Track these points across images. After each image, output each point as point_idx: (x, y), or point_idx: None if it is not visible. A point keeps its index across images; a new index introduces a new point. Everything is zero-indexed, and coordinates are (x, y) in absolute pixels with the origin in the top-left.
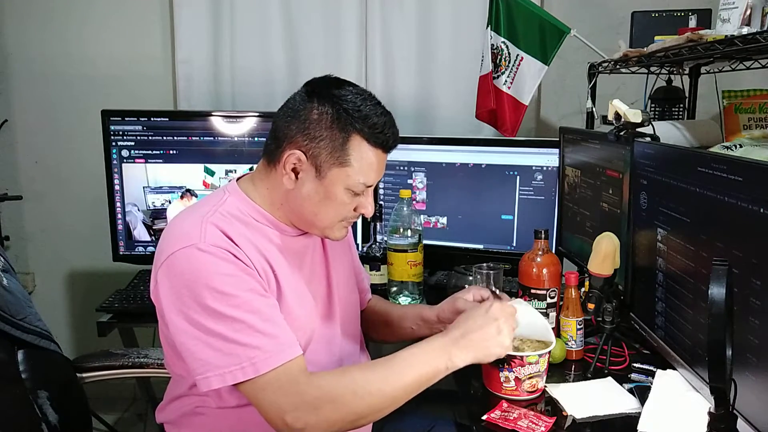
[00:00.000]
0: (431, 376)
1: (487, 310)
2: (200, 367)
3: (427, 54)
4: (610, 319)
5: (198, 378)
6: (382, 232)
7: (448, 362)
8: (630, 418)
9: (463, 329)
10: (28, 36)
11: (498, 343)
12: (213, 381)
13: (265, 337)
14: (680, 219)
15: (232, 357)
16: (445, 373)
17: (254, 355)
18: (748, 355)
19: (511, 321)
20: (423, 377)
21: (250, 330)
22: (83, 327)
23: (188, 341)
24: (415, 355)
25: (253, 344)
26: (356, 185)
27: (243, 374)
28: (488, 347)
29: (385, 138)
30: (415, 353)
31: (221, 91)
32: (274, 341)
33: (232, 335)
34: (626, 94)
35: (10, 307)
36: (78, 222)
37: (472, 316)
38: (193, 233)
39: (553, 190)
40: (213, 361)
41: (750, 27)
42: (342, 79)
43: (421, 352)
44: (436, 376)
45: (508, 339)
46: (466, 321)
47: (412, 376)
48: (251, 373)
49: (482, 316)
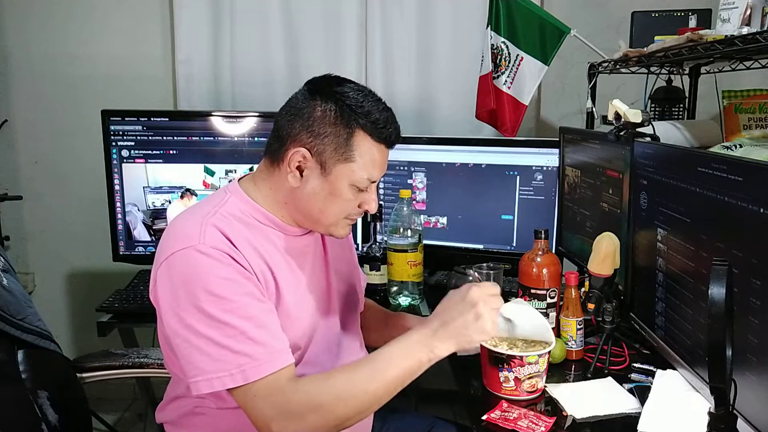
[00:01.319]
0: (414, 370)
1: (464, 296)
2: (191, 370)
3: (427, 54)
4: (610, 319)
5: (189, 381)
6: (382, 232)
7: (429, 354)
8: (630, 418)
9: (441, 319)
10: (29, 36)
11: (478, 328)
12: (202, 385)
13: (256, 344)
14: (680, 219)
15: (221, 363)
16: (428, 365)
17: (244, 362)
18: (748, 355)
19: (491, 302)
20: (406, 372)
21: (242, 336)
22: (83, 327)
23: (181, 343)
24: (396, 351)
25: (244, 351)
26: (361, 181)
27: (232, 381)
28: (468, 334)
29: (388, 133)
30: (395, 349)
31: (221, 91)
32: (266, 349)
33: (223, 341)
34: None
35: (10, 307)
36: (78, 222)
37: (450, 305)
38: (193, 234)
39: (553, 190)
40: (202, 365)
41: (750, 27)
42: (343, 77)
43: (402, 347)
44: (419, 370)
45: (489, 323)
46: (444, 310)
47: (395, 373)
48: (240, 380)
49: (459, 302)
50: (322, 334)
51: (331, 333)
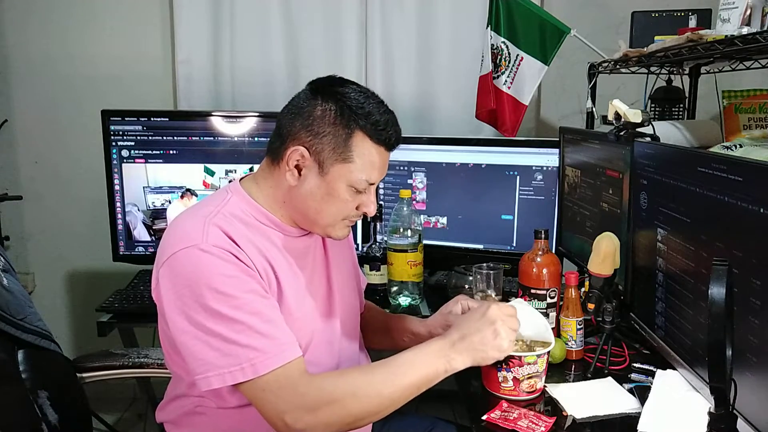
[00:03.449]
0: (430, 378)
1: (484, 313)
2: (200, 367)
3: (427, 54)
4: (610, 319)
5: (198, 378)
6: (382, 232)
7: (446, 365)
8: (630, 418)
9: (461, 332)
10: (28, 36)
11: (495, 346)
12: (213, 381)
13: (265, 338)
14: (680, 219)
15: (231, 357)
16: (444, 376)
17: (254, 356)
18: (748, 355)
19: (510, 322)
20: (422, 380)
21: (250, 331)
22: (83, 327)
23: (189, 341)
24: (415, 358)
25: (253, 345)
26: (359, 182)
27: (243, 375)
28: (485, 350)
29: (388, 135)
30: (414, 356)
31: (221, 91)
32: (274, 342)
33: (232, 336)
34: (626, 94)
35: (10, 307)
36: (78, 222)
37: (470, 319)
38: (195, 233)
39: (553, 190)
40: (213, 361)
41: (750, 27)
42: (346, 79)
43: (421, 354)
44: (435, 379)
45: (506, 342)
46: (464, 324)
47: (411, 379)
48: (251, 373)
49: (479, 319)
50: (322, 335)
51: (331, 333)
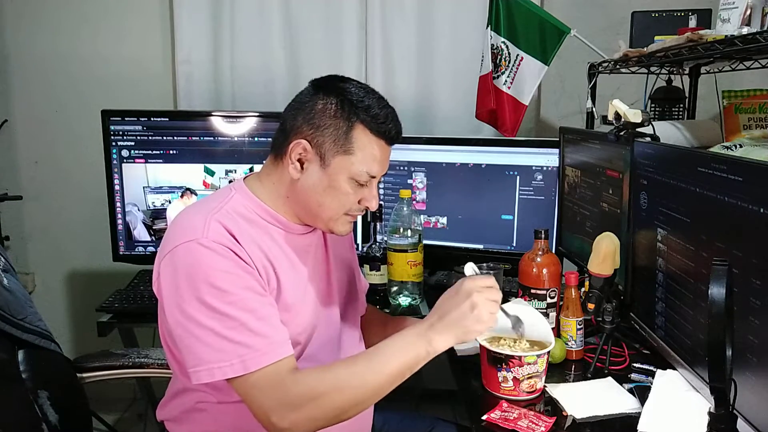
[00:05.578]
0: (412, 363)
1: (458, 289)
2: (191, 360)
3: (427, 54)
4: (610, 319)
5: (189, 371)
6: (382, 232)
7: (428, 347)
8: (630, 418)
9: (438, 312)
10: (28, 36)
11: (474, 318)
12: (202, 375)
13: (256, 336)
14: (680, 219)
15: (222, 353)
16: (427, 359)
17: (244, 352)
18: (748, 355)
19: (487, 293)
20: (404, 366)
21: (243, 328)
22: (83, 327)
23: (182, 334)
24: (395, 345)
25: (244, 342)
26: (360, 174)
27: (232, 371)
28: (466, 325)
29: (388, 128)
30: (394, 343)
31: (221, 91)
32: (266, 340)
33: (224, 332)
34: (626, 94)
35: (10, 307)
36: (78, 222)
37: (446, 297)
38: (196, 228)
39: (553, 190)
40: (203, 355)
41: (750, 27)
42: (348, 77)
43: (401, 341)
44: (418, 363)
45: (485, 313)
46: (441, 303)
47: (394, 366)
48: (240, 370)
49: (455, 296)
50: (322, 331)
51: (332, 330)
